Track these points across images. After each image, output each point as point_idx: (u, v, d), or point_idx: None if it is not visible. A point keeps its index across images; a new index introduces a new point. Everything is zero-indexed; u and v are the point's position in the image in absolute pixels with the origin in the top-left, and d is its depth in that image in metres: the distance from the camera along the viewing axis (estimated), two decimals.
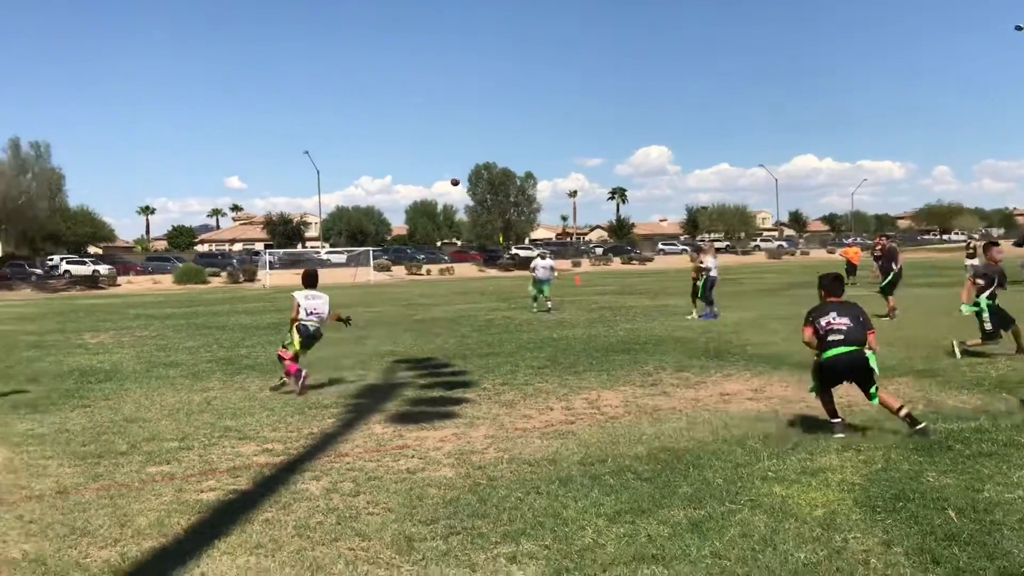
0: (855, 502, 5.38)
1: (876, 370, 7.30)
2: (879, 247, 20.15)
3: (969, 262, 31.60)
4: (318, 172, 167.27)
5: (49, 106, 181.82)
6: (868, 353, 7.26)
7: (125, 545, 5.05)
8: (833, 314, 7.39)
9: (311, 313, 10.80)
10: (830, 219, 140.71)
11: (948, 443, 6.74)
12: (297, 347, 10.71)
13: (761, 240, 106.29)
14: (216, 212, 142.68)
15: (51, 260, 71.24)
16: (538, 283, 23.38)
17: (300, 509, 5.67)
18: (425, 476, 6.42)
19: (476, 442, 7.55)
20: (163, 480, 6.56)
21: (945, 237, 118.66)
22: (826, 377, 7.38)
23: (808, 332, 7.49)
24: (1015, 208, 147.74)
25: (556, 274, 24.40)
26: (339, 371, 12.45)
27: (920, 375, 10.29)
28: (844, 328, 7.26)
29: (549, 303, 23.02)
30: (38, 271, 66.29)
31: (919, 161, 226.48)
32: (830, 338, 7.28)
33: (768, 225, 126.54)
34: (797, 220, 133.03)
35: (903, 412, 7.18)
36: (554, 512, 5.37)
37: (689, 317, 19.53)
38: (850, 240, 60.77)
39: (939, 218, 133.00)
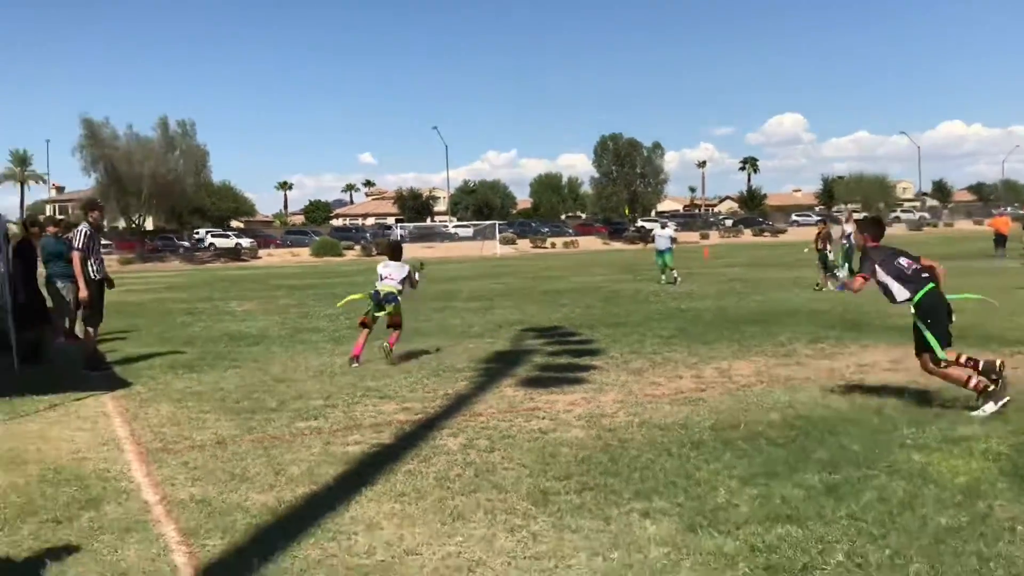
0: (1001, 471, 5.23)
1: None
2: None
3: None
4: (446, 147, 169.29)
5: (194, 86, 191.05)
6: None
7: (280, 491, 5.41)
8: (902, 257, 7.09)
9: (384, 279, 11.00)
10: (977, 189, 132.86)
11: None
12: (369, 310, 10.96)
13: (901, 211, 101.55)
14: (350, 187, 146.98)
15: (197, 233, 75.30)
16: (659, 254, 23.25)
17: (439, 462, 5.93)
18: (557, 436, 6.59)
19: (606, 406, 7.66)
20: (311, 434, 6.97)
21: None
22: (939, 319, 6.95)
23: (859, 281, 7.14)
24: None
25: (676, 243, 24.16)
26: (469, 338, 12.79)
27: None
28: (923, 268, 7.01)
29: (674, 272, 22.83)
30: (185, 244, 70.25)
31: None
32: (923, 275, 6.99)
33: (909, 195, 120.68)
34: (941, 190, 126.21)
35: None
36: (686, 473, 5.44)
37: (817, 288, 19.06)
38: (1000, 210, 57.18)
39: None
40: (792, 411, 7.11)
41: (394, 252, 11.48)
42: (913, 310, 7.04)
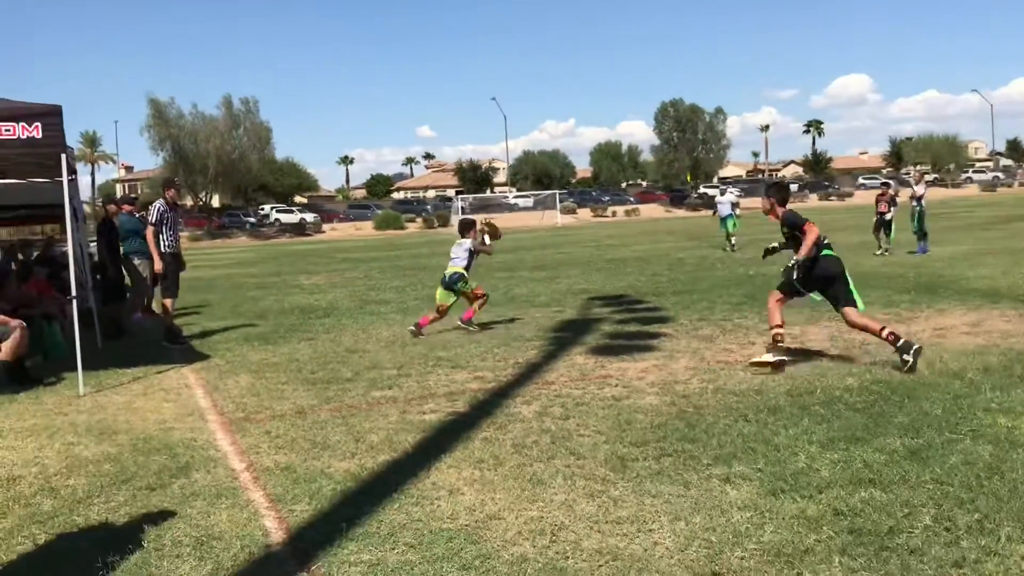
0: None
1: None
2: None
3: None
4: (505, 118, 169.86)
5: (256, 64, 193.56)
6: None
7: (361, 458, 5.53)
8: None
9: (451, 260, 10.88)
10: None
11: None
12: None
13: (974, 172, 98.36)
14: (409, 160, 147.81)
15: (262, 209, 76.59)
16: (722, 220, 23.04)
17: (515, 429, 6.00)
18: (631, 403, 6.60)
19: (678, 373, 7.64)
20: (387, 403, 7.09)
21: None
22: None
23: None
24: None
25: (739, 211, 23.84)
26: (536, 307, 12.84)
27: None
28: None
29: (733, 239, 22.58)
30: (251, 220, 71.57)
31: None
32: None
33: (982, 155, 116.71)
34: (1016, 149, 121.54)
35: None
36: (764, 438, 5.41)
37: (877, 253, 18.63)
38: None
39: None
40: (870, 376, 7.00)
41: (461, 230, 11.45)
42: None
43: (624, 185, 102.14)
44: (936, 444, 5.08)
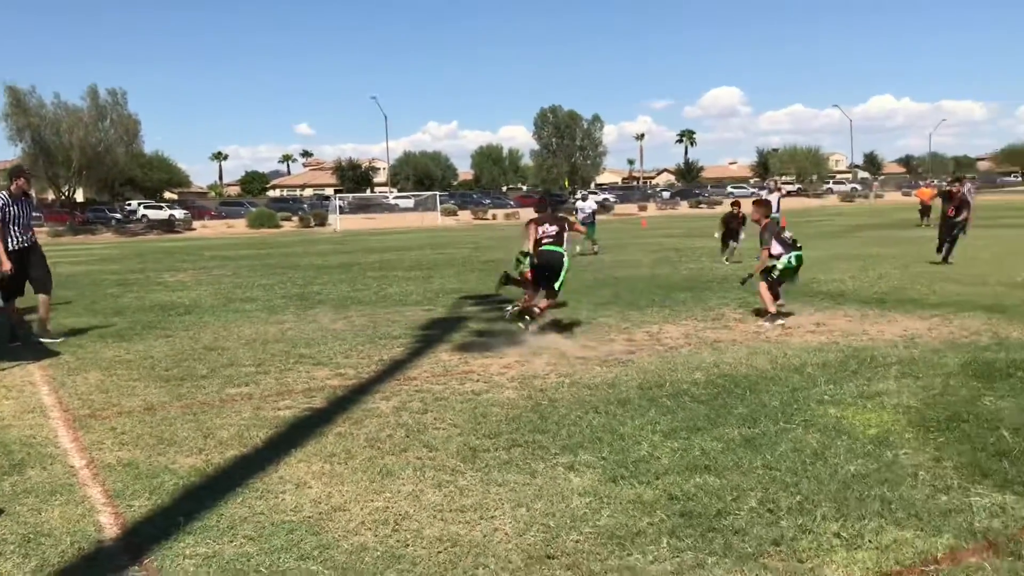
0: (909, 423, 5.47)
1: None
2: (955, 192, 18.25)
3: None
4: (385, 118, 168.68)
5: (125, 55, 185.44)
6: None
7: (209, 454, 5.40)
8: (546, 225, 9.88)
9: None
10: (906, 161, 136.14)
11: (1009, 371, 6.75)
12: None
13: (834, 183, 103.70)
14: (287, 158, 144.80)
15: (129, 205, 73.42)
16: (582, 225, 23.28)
17: (371, 424, 5.98)
18: (489, 397, 6.68)
19: (538, 368, 7.78)
20: (242, 400, 6.95)
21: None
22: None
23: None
24: None
25: (596, 215, 24.18)
26: (407, 306, 12.81)
27: (988, 310, 10.18)
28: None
29: (596, 246, 22.99)
30: (117, 216, 68.42)
31: (1003, 99, 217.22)
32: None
33: (842, 167, 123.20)
34: (872, 162, 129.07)
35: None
36: (611, 429, 5.58)
37: (726, 261, 19.22)
38: (926, 183, 58.99)
39: (1022, 159, 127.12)
40: (717, 370, 7.31)
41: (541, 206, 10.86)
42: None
43: (505, 189, 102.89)
44: (770, 433, 5.35)
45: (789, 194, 73.16)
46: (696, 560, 3.57)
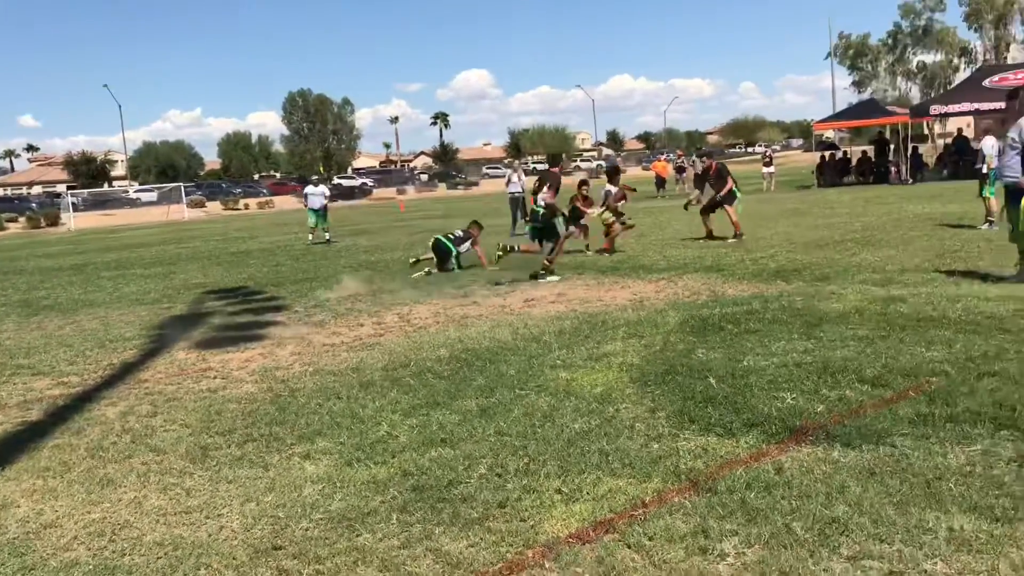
0: (631, 379, 5.85)
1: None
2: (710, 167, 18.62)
3: (766, 170, 33.81)
4: (120, 107, 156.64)
5: None
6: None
7: None
8: None
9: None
10: (645, 137, 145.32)
11: (721, 324, 7.38)
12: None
13: (581, 160, 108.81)
14: (9, 153, 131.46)
15: None
16: (313, 212, 22.62)
17: (93, 433, 5.58)
18: (226, 393, 6.43)
19: (282, 359, 7.58)
20: None
21: (750, 150, 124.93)
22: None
23: None
24: (813, 120, 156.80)
25: (328, 201, 23.44)
26: (144, 305, 12.07)
27: (708, 270, 11.09)
28: None
29: (327, 234, 22.50)
30: None
31: (728, 78, 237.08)
32: None
33: (588, 145, 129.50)
34: (615, 139, 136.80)
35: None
36: (352, 413, 5.54)
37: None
38: (659, 156, 63.37)
39: (745, 132, 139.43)
40: (461, 346, 7.45)
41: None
42: None
43: (257, 177, 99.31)
44: (505, 401, 5.53)
45: (538, 172, 75.87)
46: (424, 532, 3.62)
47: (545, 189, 12.23)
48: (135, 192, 75.93)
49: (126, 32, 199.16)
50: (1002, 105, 10.85)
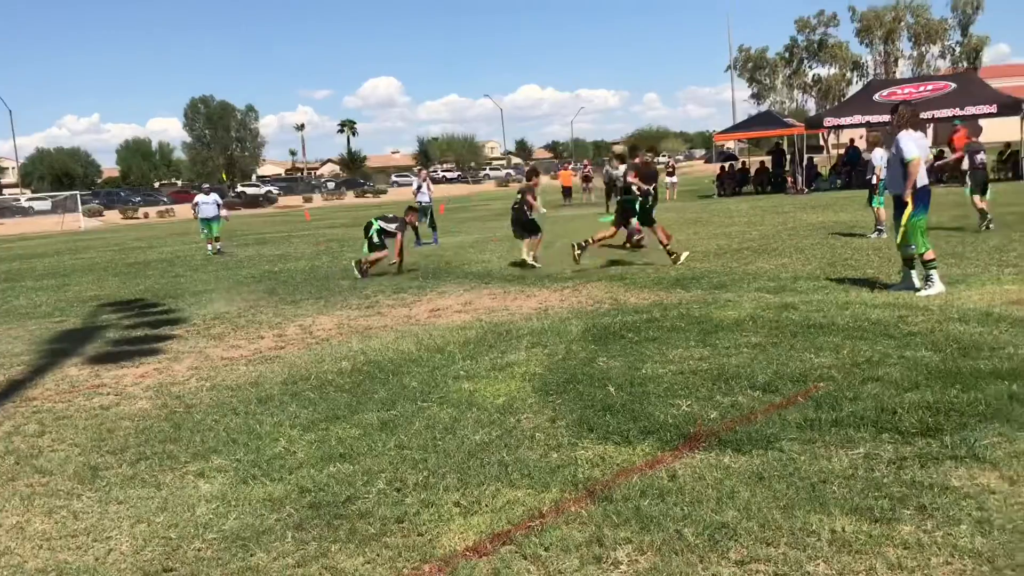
0: (533, 388, 5.91)
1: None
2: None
3: (668, 180, 34.61)
4: (10, 112, 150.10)
5: None
6: None
7: None
8: None
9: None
10: (553, 147, 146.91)
11: (621, 333, 7.51)
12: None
13: (490, 169, 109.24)
14: None
15: None
16: (205, 222, 21.99)
17: None
18: (119, 411, 6.23)
19: (178, 375, 7.39)
20: None
21: (657, 160, 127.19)
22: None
23: None
24: (714, 131, 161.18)
25: (224, 211, 22.75)
26: (34, 319, 11.60)
27: (611, 279, 11.28)
28: None
29: (219, 244, 21.94)
30: None
31: (632, 88, 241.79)
32: None
33: (497, 154, 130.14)
34: (523, 148, 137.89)
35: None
36: (248, 429, 5.44)
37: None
38: (565, 166, 64.27)
39: (649, 141, 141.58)
40: (363, 357, 7.39)
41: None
42: None
43: (157, 184, 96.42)
44: (407, 414, 5.52)
45: (448, 180, 75.84)
46: (320, 549, 3.59)
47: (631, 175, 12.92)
48: (27, 201, 72.83)
49: (17, 32, 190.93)
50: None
